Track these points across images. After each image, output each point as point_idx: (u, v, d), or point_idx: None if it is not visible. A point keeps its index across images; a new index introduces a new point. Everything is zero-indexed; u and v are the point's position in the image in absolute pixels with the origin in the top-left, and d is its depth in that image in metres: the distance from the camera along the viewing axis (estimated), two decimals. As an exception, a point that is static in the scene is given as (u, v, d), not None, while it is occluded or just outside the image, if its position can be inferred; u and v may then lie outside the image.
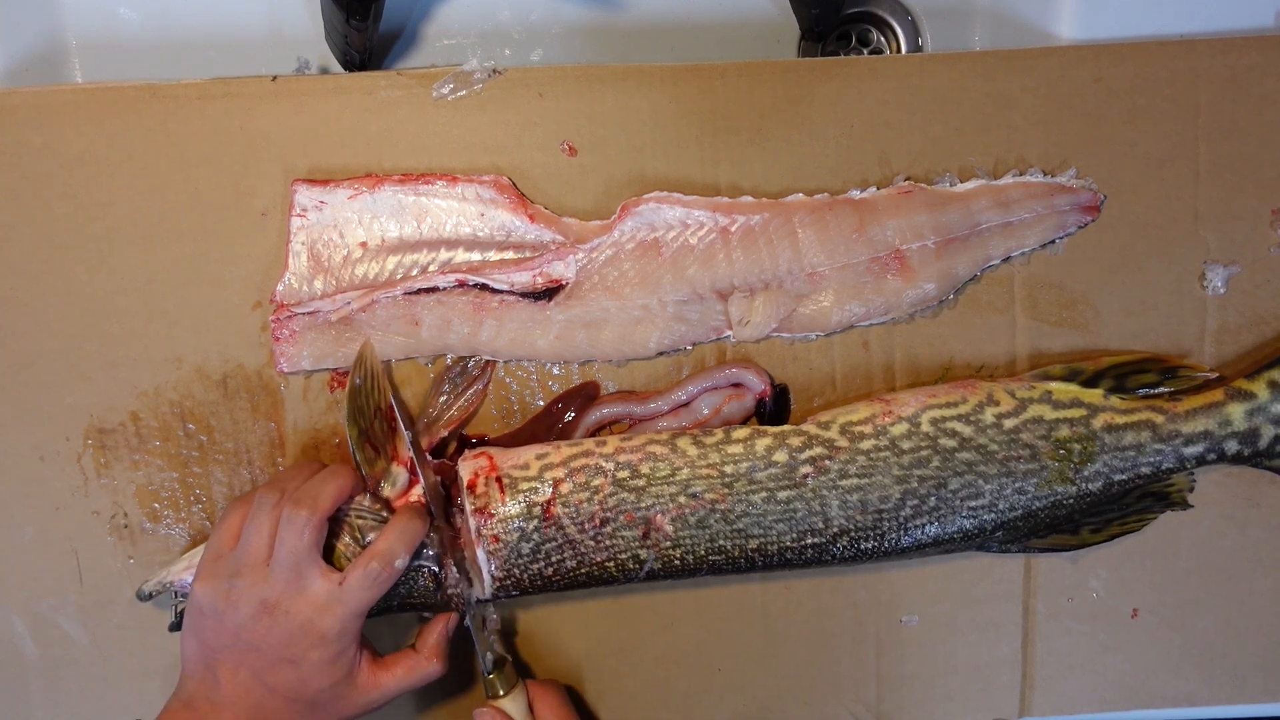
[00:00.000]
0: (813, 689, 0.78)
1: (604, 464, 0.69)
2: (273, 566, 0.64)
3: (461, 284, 0.72)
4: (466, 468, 0.70)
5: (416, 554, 0.68)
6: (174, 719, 0.64)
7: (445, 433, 0.73)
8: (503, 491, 0.68)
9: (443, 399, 0.73)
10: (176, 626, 0.70)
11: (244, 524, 0.66)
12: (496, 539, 0.68)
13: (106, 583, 0.74)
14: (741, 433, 0.70)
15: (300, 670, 0.64)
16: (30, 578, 0.74)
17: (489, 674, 0.70)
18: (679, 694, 0.77)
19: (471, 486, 0.68)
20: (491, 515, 0.68)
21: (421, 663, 0.68)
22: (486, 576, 0.68)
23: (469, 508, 0.68)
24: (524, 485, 0.68)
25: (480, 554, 0.68)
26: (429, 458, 0.72)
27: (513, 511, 0.68)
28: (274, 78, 0.71)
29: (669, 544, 0.69)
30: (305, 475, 0.68)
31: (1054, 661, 0.78)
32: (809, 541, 0.69)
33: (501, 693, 0.70)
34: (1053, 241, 0.75)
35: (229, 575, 0.64)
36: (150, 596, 0.70)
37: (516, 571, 0.68)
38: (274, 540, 0.64)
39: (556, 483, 0.68)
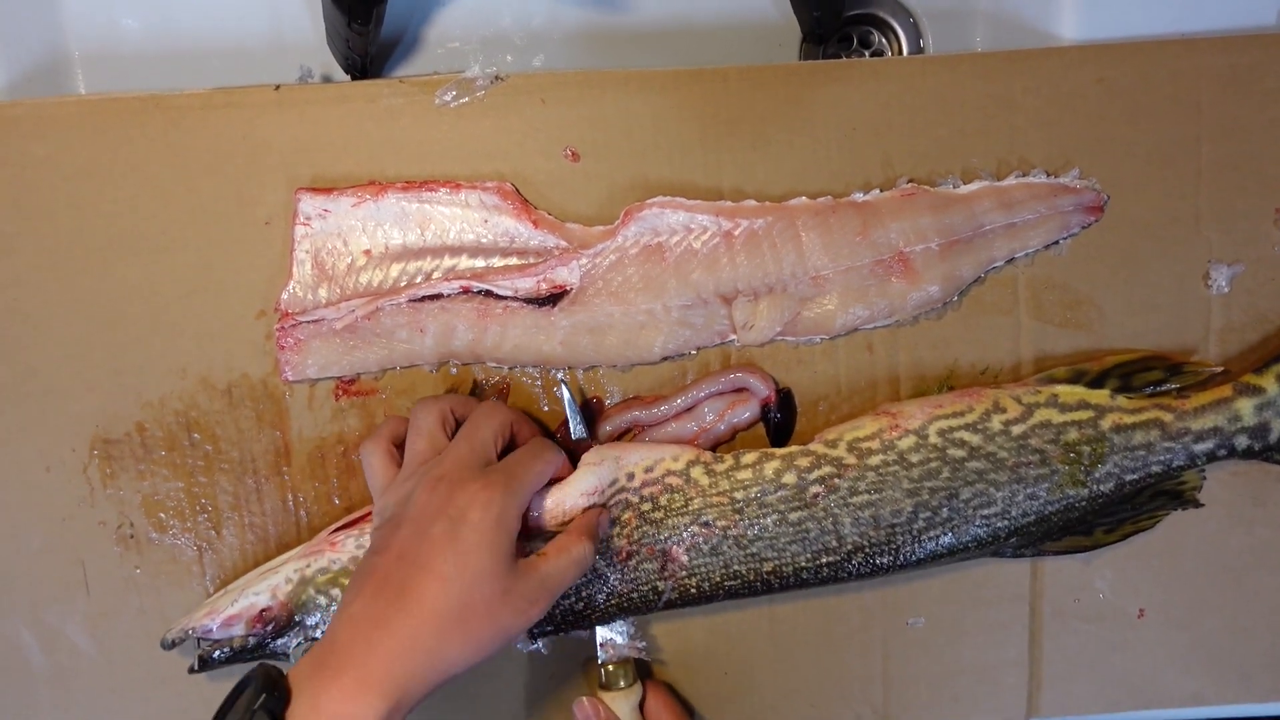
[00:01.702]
0: (819, 691, 0.78)
1: (630, 497, 0.69)
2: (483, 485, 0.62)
3: (466, 290, 0.72)
4: None
5: None
6: (319, 667, 0.57)
7: None
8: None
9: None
10: (196, 670, 0.70)
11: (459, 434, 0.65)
12: None
13: (113, 593, 0.74)
14: (749, 457, 0.70)
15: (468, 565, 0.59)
16: (37, 588, 0.74)
17: (608, 665, 0.70)
18: (686, 698, 0.77)
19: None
20: None
21: (572, 544, 0.63)
22: None
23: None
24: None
25: None
26: None
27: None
28: (277, 87, 0.71)
29: (684, 573, 0.69)
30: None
31: (1061, 662, 0.78)
32: (824, 560, 0.69)
33: (616, 685, 0.70)
34: (1056, 242, 0.75)
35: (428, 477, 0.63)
36: (174, 645, 0.70)
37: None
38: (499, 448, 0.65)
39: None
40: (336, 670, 0.56)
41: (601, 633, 0.72)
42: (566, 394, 0.72)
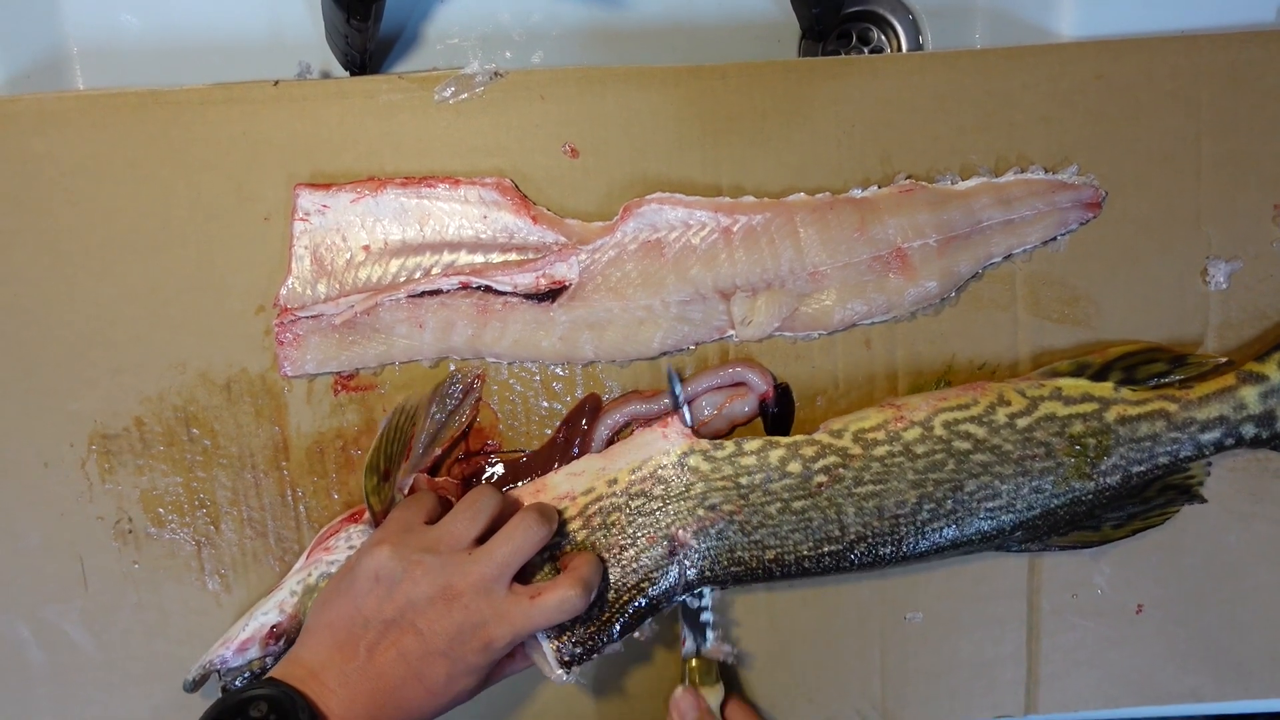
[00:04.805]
0: (818, 686, 0.78)
1: (616, 499, 0.69)
2: (477, 556, 0.62)
3: (465, 286, 0.72)
4: None
5: None
6: (300, 686, 0.60)
7: (439, 451, 0.73)
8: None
9: (435, 419, 0.73)
10: None
11: (454, 509, 0.65)
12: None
13: (112, 588, 0.74)
14: (754, 444, 0.70)
15: (452, 668, 0.62)
16: (35, 583, 0.74)
17: (691, 660, 0.71)
18: (685, 694, 0.77)
19: None
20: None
21: (562, 589, 0.63)
22: (543, 639, 0.67)
23: None
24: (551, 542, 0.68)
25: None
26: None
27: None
28: (276, 82, 0.71)
29: (695, 556, 0.68)
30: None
31: (1059, 658, 0.78)
32: (826, 550, 0.69)
33: (702, 682, 0.71)
34: (1054, 238, 0.75)
35: (420, 548, 0.63)
36: (196, 685, 0.70)
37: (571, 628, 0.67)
38: (485, 532, 0.64)
39: (574, 533, 0.69)
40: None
41: (686, 630, 0.72)
42: (677, 385, 0.72)
